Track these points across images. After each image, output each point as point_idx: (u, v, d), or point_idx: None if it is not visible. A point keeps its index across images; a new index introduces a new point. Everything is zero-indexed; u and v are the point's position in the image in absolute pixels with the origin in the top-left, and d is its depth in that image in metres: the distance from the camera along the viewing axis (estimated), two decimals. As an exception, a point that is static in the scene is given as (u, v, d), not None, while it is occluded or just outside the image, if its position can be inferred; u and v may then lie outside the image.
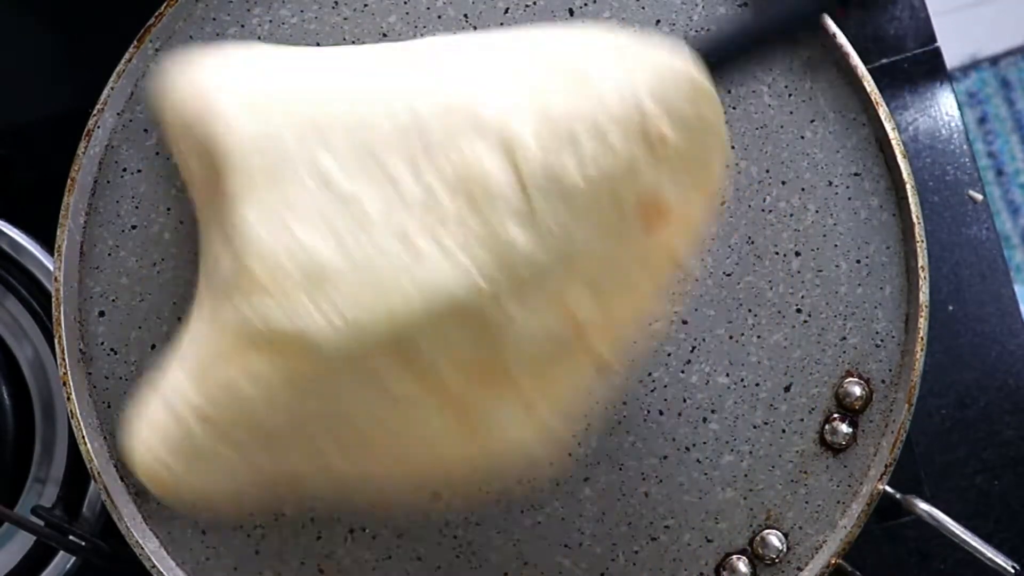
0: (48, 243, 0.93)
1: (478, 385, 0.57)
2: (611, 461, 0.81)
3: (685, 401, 0.81)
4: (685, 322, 0.82)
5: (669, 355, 0.81)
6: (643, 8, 0.83)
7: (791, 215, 0.82)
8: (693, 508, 0.81)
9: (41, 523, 0.88)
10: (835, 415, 0.79)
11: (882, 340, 0.80)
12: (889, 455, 0.78)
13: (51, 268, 0.95)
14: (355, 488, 0.64)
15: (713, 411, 0.81)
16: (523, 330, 0.55)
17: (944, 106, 1.02)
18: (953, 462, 0.98)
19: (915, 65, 1.03)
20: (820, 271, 0.81)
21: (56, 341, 0.81)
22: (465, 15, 0.84)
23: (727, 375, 0.81)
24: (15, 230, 0.97)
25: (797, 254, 0.82)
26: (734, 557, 0.79)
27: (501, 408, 0.58)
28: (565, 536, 0.81)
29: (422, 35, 0.85)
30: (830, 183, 0.81)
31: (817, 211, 0.81)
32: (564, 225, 0.54)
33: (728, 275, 0.82)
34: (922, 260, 0.79)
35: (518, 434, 0.59)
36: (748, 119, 0.82)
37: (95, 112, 0.83)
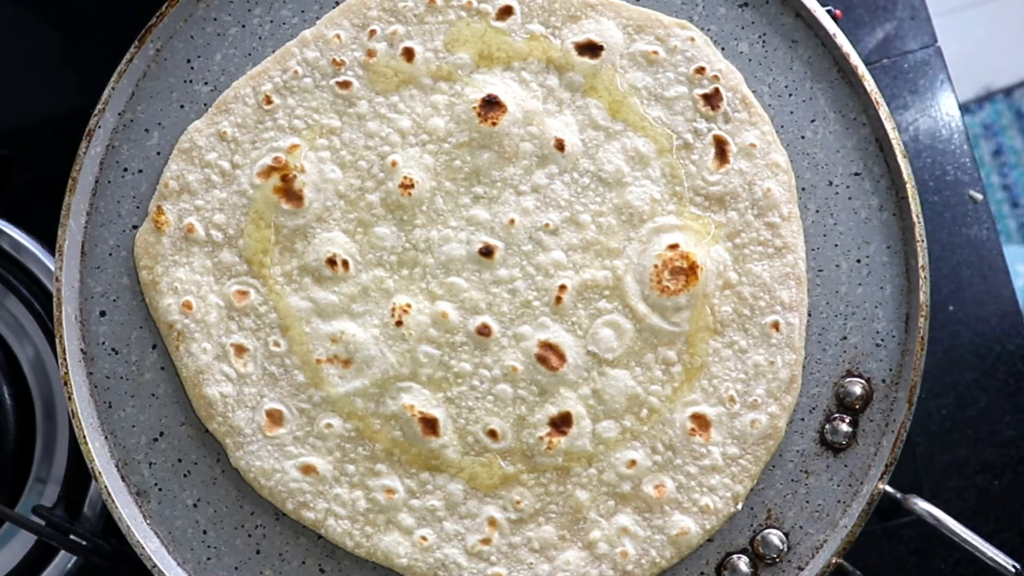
0: (49, 243, 0.93)
1: None
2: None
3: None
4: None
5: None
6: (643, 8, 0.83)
7: (791, 215, 0.82)
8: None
9: (42, 523, 0.88)
10: (835, 414, 0.80)
11: (882, 340, 0.80)
12: (889, 455, 0.78)
13: (52, 268, 0.95)
14: None
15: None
16: None
17: (944, 106, 1.02)
18: (953, 462, 0.98)
19: (915, 65, 1.03)
20: (820, 271, 0.81)
21: (57, 341, 0.81)
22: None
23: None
24: (16, 230, 0.97)
25: (797, 254, 0.82)
26: (735, 556, 0.79)
27: None
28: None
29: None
30: (830, 183, 0.81)
31: (817, 211, 0.81)
32: None
33: (728, 275, 0.82)
34: (922, 260, 0.79)
35: None
36: (748, 119, 0.83)
37: (96, 112, 0.83)
